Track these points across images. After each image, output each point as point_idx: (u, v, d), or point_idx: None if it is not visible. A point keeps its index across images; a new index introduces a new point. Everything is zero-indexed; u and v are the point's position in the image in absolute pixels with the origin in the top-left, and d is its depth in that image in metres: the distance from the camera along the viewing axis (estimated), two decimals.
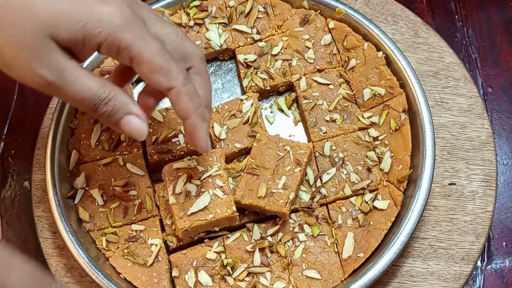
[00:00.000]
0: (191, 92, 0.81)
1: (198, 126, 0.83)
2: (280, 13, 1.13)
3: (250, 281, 0.95)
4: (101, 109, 0.79)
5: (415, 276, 1.00)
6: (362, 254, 0.96)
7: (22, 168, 1.14)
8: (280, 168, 0.97)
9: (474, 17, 1.24)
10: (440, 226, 1.03)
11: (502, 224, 1.09)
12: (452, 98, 1.11)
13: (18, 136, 1.17)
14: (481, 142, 1.08)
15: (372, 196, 0.99)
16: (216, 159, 0.97)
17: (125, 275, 0.96)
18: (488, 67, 1.20)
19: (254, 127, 1.04)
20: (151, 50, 0.77)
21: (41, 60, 0.74)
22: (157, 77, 0.78)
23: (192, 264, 0.96)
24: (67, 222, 0.96)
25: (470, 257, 1.01)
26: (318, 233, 0.98)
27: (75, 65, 0.77)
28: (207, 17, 1.12)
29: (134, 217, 0.99)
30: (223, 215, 0.93)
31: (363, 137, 1.03)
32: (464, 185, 1.05)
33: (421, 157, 0.99)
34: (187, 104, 0.81)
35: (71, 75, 0.76)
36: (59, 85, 0.76)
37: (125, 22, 0.76)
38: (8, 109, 1.18)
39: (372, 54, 1.07)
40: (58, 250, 1.03)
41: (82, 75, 0.77)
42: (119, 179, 1.01)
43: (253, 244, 0.97)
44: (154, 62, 0.77)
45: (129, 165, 1.02)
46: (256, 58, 1.09)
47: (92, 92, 0.78)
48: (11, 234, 1.10)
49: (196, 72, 0.85)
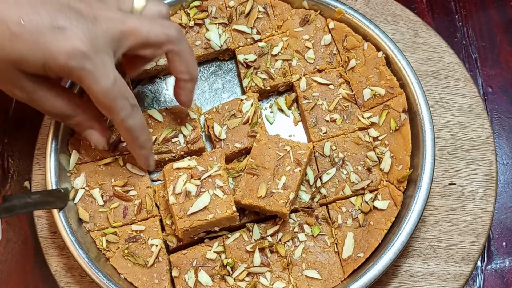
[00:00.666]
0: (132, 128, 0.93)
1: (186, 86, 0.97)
2: (280, 13, 1.13)
3: (250, 281, 0.95)
4: (66, 122, 0.96)
5: (415, 276, 1.00)
6: (362, 254, 0.96)
7: (22, 168, 1.15)
8: (280, 168, 0.97)
9: (474, 17, 1.24)
10: (440, 226, 1.03)
11: (502, 224, 1.09)
12: (452, 98, 1.11)
13: (18, 136, 1.17)
14: (481, 142, 1.08)
15: (372, 196, 0.99)
16: (216, 159, 0.97)
17: (126, 275, 0.95)
18: (488, 67, 1.20)
19: (254, 127, 1.04)
20: (99, 88, 0.86)
21: (14, 84, 0.87)
22: (103, 111, 0.91)
23: (192, 264, 0.96)
24: (67, 222, 0.96)
25: (470, 257, 1.01)
26: (318, 233, 0.98)
27: (44, 88, 0.89)
28: (207, 18, 1.12)
29: (134, 217, 0.99)
30: (223, 215, 0.93)
31: (363, 137, 1.03)
32: (464, 185, 1.05)
33: (421, 157, 0.99)
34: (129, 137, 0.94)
35: (39, 96, 0.90)
36: (31, 103, 0.90)
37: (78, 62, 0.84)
38: (8, 109, 1.19)
39: (372, 54, 1.07)
40: (58, 250, 1.03)
41: (49, 96, 0.91)
42: (119, 179, 1.01)
43: (253, 244, 0.97)
44: (100, 99, 0.88)
45: (129, 165, 1.02)
46: (256, 58, 1.09)
47: (57, 111, 0.93)
48: (11, 234, 1.10)
49: (174, 54, 0.94)
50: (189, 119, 1.04)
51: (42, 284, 1.07)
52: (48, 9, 0.83)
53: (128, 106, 0.90)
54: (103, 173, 1.02)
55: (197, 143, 1.03)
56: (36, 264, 1.08)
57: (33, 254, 1.09)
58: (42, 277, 1.07)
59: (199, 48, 1.11)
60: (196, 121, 1.05)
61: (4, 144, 1.16)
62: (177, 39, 0.93)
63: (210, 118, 1.05)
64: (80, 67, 0.84)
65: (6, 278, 1.08)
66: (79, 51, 0.83)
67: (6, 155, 1.16)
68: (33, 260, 1.09)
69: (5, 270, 1.08)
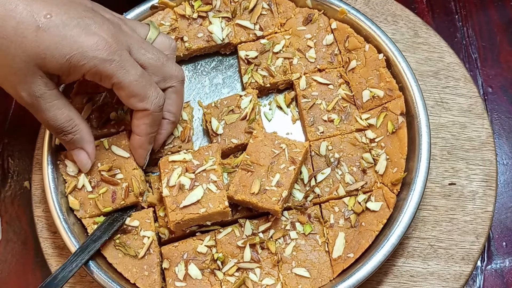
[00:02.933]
0: (156, 119, 0.95)
1: (144, 146, 0.98)
2: (284, 11, 1.13)
3: (240, 276, 0.96)
4: (60, 136, 0.94)
5: (415, 276, 1.00)
6: (352, 254, 0.96)
7: (22, 168, 1.15)
8: (275, 166, 0.97)
9: (474, 17, 1.24)
10: (440, 226, 1.03)
11: (502, 224, 1.09)
12: (452, 98, 1.11)
13: (18, 136, 1.17)
14: (481, 142, 1.08)
15: (365, 197, 0.99)
16: (211, 154, 0.98)
17: (116, 266, 0.96)
18: (488, 67, 1.20)
19: (251, 124, 1.04)
20: (130, 79, 0.89)
21: (24, 86, 0.86)
22: (133, 101, 0.92)
23: (183, 256, 0.97)
24: (66, 222, 0.97)
25: (470, 257, 1.01)
26: (309, 231, 0.98)
27: (53, 95, 0.89)
28: (211, 11, 1.13)
29: (123, 201, 0.99)
30: (215, 210, 0.93)
31: (359, 138, 1.03)
32: (464, 185, 1.05)
33: (416, 160, 0.99)
34: (147, 128, 0.96)
35: (46, 104, 0.88)
36: (34, 109, 0.89)
37: (107, 54, 0.86)
38: (8, 109, 1.19)
39: (373, 56, 1.07)
40: (58, 250, 1.04)
41: (55, 106, 0.89)
42: (105, 163, 1.01)
43: (244, 239, 0.97)
44: (131, 89, 0.90)
45: (114, 147, 1.02)
46: (258, 55, 1.10)
47: (58, 123, 0.91)
48: (11, 234, 1.11)
49: (173, 91, 0.98)
50: (180, 120, 1.05)
51: None
52: (76, 8, 0.87)
53: (157, 93, 0.93)
54: None
55: (189, 143, 1.05)
56: (36, 264, 1.09)
57: (33, 254, 1.09)
58: (42, 277, 1.08)
59: (200, 41, 1.11)
60: (188, 122, 1.06)
61: (4, 144, 1.17)
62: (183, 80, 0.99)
63: (208, 112, 1.06)
64: (110, 59, 0.86)
65: (6, 278, 1.08)
66: (107, 43, 0.86)
67: (6, 155, 1.16)
68: (33, 260, 1.09)
69: (5, 270, 1.09)
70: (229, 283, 0.95)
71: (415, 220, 1.03)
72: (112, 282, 0.94)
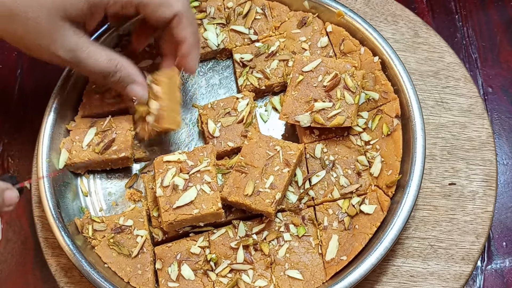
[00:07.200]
0: (191, 17, 0.97)
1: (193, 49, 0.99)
2: (278, 15, 1.13)
3: (232, 277, 0.96)
4: (109, 79, 0.96)
5: (415, 276, 1.00)
6: (345, 257, 0.96)
7: (22, 168, 1.16)
8: (269, 168, 0.97)
9: (474, 17, 1.23)
10: (440, 226, 1.03)
11: (502, 224, 1.09)
12: (452, 98, 1.11)
13: (18, 136, 1.18)
14: (481, 142, 1.08)
15: (359, 200, 0.99)
16: (206, 155, 0.98)
17: (110, 265, 0.97)
18: (488, 67, 1.19)
19: (248, 127, 1.04)
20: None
21: (57, 43, 0.88)
22: (162, 11, 0.94)
23: (176, 257, 0.97)
24: (61, 223, 0.98)
25: (470, 257, 1.01)
26: (303, 233, 0.98)
27: (86, 42, 0.92)
28: (206, 18, 1.13)
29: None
30: (208, 211, 0.94)
31: (355, 141, 1.03)
32: (464, 185, 1.05)
33: (410, 163, 0.98)
34: (188, 27, 0.97)
35: (83, 53, 0.91)
36: (74, 62, 0.92)
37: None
38: (8, 109, 1.20)
39: (368, 59, 1.07)
40: (58, 250, 1.04)
41: (93, 51, 0.92)
42: None
43: (237, 241, 0.97)
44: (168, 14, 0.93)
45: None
46: (253, 58, 1.10)
47: (102, 66, 0.93)
48: (11, 234, 1.11)
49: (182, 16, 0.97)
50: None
51: (42, 284, 1.08)
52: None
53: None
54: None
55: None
56: (36, 264, 1.09)
57: (33, 254, 1.10)
58: (42, 277, 1.08)
59: None
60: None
61: (4, 144, 1.18)
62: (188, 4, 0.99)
63: (204, 114, 1.06)
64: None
65: (6, 278, 1.09)
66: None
67: (6, 155, 1.17)
68: (33, 260, 1.10)
69: (5, 270, 1.09)
70: (221, 284, 0.95)
71: (415, 220, 1.03)
72: (105, 282, 0.94)
